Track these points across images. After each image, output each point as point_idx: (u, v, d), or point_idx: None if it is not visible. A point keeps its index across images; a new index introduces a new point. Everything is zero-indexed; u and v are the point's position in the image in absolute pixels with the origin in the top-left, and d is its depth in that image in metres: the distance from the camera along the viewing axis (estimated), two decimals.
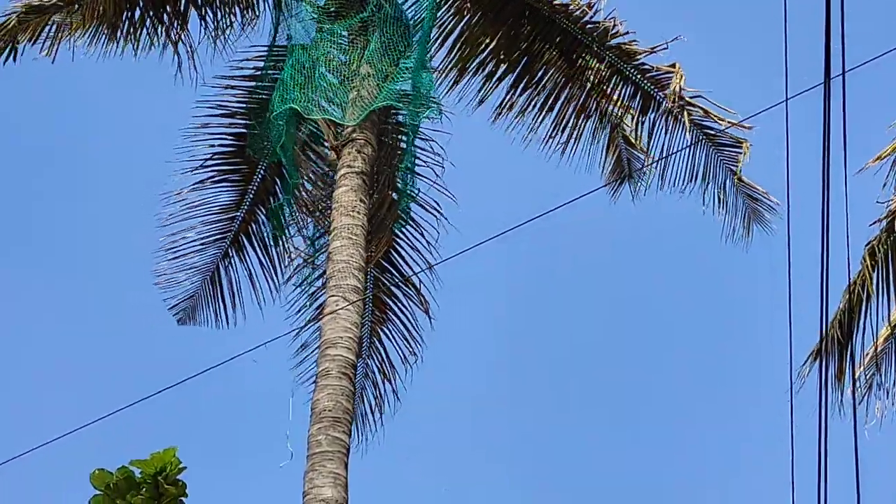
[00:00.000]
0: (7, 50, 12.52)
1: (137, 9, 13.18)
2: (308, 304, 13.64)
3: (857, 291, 12.53)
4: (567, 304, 21.04)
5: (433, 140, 13.31)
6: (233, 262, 14.12)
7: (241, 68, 13.63)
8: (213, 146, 13.64)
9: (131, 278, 14.22)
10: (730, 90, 13.79)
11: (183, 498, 11.37)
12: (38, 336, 21.36)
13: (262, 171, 13.60)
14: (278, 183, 13.75)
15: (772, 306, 9.81)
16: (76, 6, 12.60)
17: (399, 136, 13.26)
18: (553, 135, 13.78)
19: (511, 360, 20.46)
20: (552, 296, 21.05)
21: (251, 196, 13.81)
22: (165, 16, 13.32)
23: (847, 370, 12.39)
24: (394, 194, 13.35)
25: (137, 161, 18.81)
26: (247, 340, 12.22)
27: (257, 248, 14.13)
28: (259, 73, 13.39)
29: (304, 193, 13.44)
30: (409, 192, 12.87)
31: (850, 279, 12.15)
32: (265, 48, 13.44)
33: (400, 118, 13.32)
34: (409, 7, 13.36)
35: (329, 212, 12.53)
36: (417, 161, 13.36)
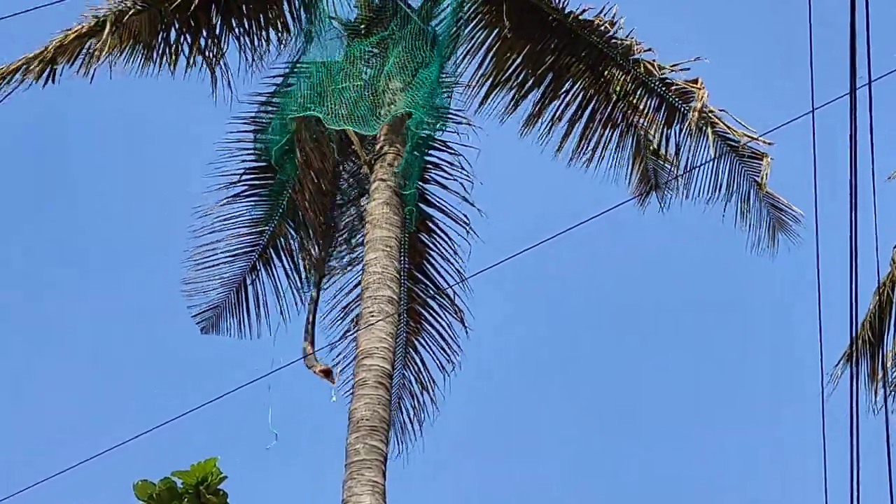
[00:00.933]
0: (46, 72, 12.73)
1: (173, 30, 13.41)
2: (341, 316, 13.92)
3: (886, 293, 12.75)
4: (594, 313, 21.29)
5: (461, 154, 13.58)
6: (260, 274, 14.39)
7: (274, 84, 13.88)
8: (244, 161, 13.89)
9: (173, 293, 14.44)
10: (753, 98, 14.02)
11: None
12: (79, 350, 21.65)
13: (291, 186, 13.83)
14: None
15: (802, 312, 10.02)
16: (113, 28, 12.83)
17: (426, 151, 13.52)
18: (580, 147, 14.05)
19: (538, 365, 20.72)
20: (580, 303, 21.29)
21: (280, 210, 14.05)
22: (201, 37, 13.57)
23: (879, 370, 12.58)
24: (423, 205, 13.62)
25: (175, 174, 19.06)
26: (283, 352, 12.56)
27: (285, 262, 14.37)
28: (289, 89, 13.64)
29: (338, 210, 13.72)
30: (414, 197, 13.07)
31: (878, 281, 12.37)
32: (295, 65, 13.67)
33: (427, 132, 13.54)
34: (437, 24, 13.60)
35: (362, 225, 12.81)
36: (446, 175, 13.64)
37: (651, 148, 13.83)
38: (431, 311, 14.07)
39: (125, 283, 21.31)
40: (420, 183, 13.58)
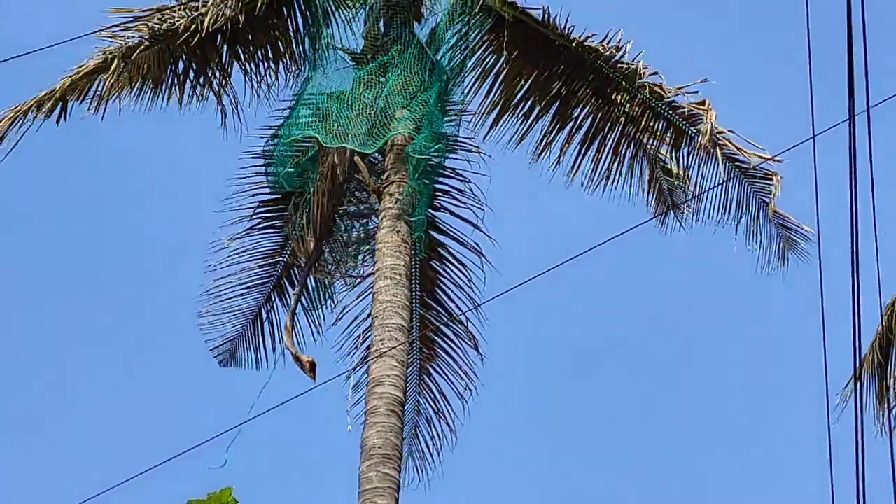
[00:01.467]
0: (58, 109, 12.88)
1: (181, 63, 13.56)
2: (357, 345, 14.03)
3: (893, 313, 12.75)
4: (607, 337, 21.33)
5: (471, 181, 13.69)
6: (275, 305, 14.51)
7: (283, 117, 14.00)
8: (255, 194, 14.03)
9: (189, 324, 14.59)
10: (759, 121, 14.10)
11: None
12: (92, 382, 21.77)
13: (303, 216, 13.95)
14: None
15: (810, 334, 10.06)
16: (122, 65, 12.98)
17: (436, 178, 13.62)
18: (592, 172, 14.14)
19: (556, 392, 20.75)
20: (594, 327, 21.32)
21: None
22: (209, 70, 13.72)
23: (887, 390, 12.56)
24: (433, 232, 13.71)
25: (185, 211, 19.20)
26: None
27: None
28: (298, 120, 13.75)
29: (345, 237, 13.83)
30: (422, 224, 13.17)
31: (881, 303, 12.37)
32: (301, 96, 13.80)
33: (435, 158, 13.65)
34: (442, 50, 13.71)
35: (371, 253, 12.92)
36: (456, 202, 13.75)
37: (664, 167, 13.91)
38: (445, 339, 14.17)
39: (138, 311, 21.40)
40: (430, 210, 13.70)
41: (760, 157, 13.33)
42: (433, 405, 14.26)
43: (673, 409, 21.42)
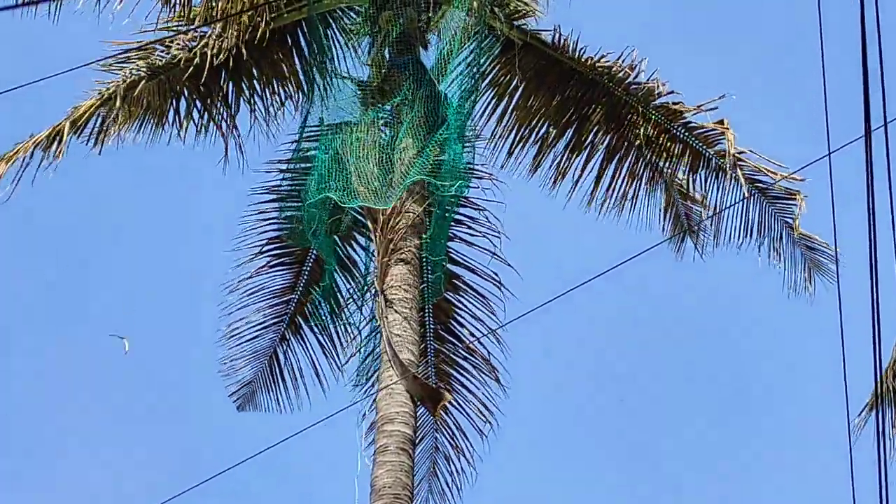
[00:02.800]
0: (55, 146, 12.73)
1: (183, 99, 13.40)
2: (369, 380, 13.72)
3: None
4: (626, 361, 21.09)
5: (486, 209, 13.44)
6: (291, 344, 14.28)
7: (291, 150, 13.80)
8: (263, 232, 13.84)
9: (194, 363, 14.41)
10: (776, 140, 13.81)
11: None
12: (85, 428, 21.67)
13: (314, 252, 13.73)
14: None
15: (829, 358, 9.81)
16: (122, 99, 12.83)
17: (448, 208, 13.36)
18: (608, 197, 13.87)
19: (580, 422, 20.48)
20: (613, 353, 21.09)
21: (305, 276, 13.96)
22: (212, 103, 13.54)
23: None
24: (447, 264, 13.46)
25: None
26: (312, 418, 12.38)
27: (315, 329, 14.25)
28: (306, 154, 13.56)
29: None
30: (443, 263, 12.92)
31: None
32: (304, 130, 13.60)
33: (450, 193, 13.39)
34: (452, 81, 13.45)
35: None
36: (470, 231, 13.51)
37: (681, 191, 13.62)
38: (463, 371, 13.88)
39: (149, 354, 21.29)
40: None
41: (781, 175, 13.02)
42: (451, 441, 13.97)
43: (698, 436, 21.09)
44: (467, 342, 13.72)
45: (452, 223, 13.58)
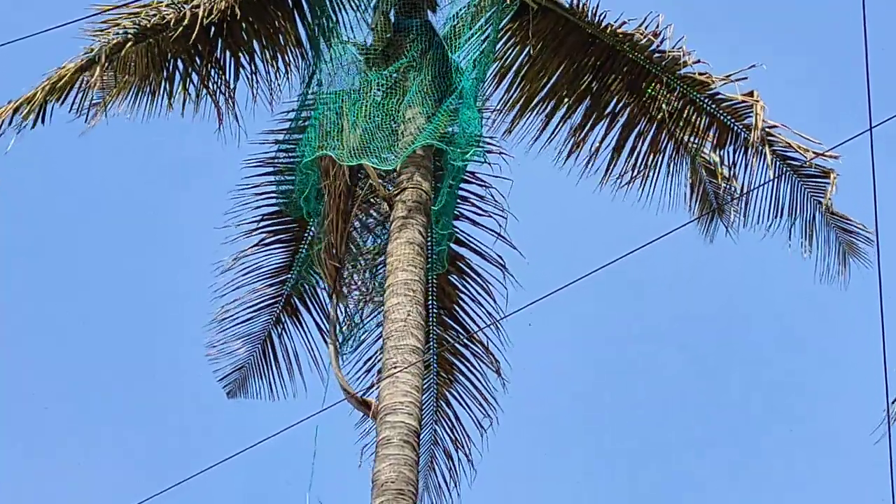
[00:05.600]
0: (36, 114, 12.13)
1: (173, 62, 12.78)
2: (367, 369, 13.19)
3: None
4: (644, 348, 20.65)
5: (492, 187, 12.88)
6: (286, 327, 13.70)
7: (287, 120, 13.21)
8: (258, 207, 13.26)
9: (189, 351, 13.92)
10: (807, 116, 13.23)
11: None
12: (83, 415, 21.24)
13: (313, 228, 13.12)
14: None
15: (864, 346, 9.45)
16: (108, 61, 12.21)
17: (452, 182, 12.76)
18: (626, 173, 13.26)
19: (589, 414, 20.03)
20: (632, 340, 20.63)
21: (303, 255, 13.35)
22: (204, 69, 12.96)
23: None
24: (451, 244, 12.88)
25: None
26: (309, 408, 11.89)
27: (313, 312, 13.67)
28: (303, 124, 12.96)
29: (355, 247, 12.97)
30: (447, 236, 12.36)
31: None
32: (305, 97, 13.01)
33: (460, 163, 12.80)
34: (464, 47, 12.84)
35: (383, 268, 12.06)
36: (476, 210, 12.96)
37: (707, 167, 13.03)
38: (464, 361, 13.32)
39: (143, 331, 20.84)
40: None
41: (816, 153, 12.41)
42: (451, 434, 13.40)
43: (714, 429, 20.63)
44: (470, 331, 13.15)
45: (458, 200, 13.02)
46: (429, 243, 12.33)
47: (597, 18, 12.89)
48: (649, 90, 12.92)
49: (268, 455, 10.67)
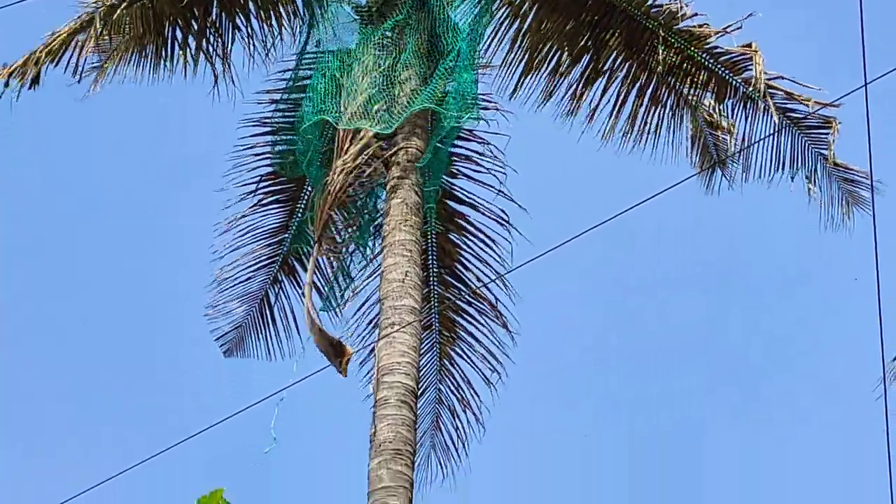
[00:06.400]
0: (30, 79, 12.17)
1: (167, 22, 12.79)
2: (368, 328, 13.22)
3: None
4: (649, 304, 20.63)
5: (491, 144, 12.88)
6: (283, 286, 13.74)
7: (283, 79, 13.22)
8: (254, 168, 13.27)
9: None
10: (805, 70, 13.17)
11: None
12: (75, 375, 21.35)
13: (309, 187, 13.14)
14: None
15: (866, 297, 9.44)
16: (103, 22, 12.23)
17: (453, 142, 12.74)
18: (627, 129, 13.24)
19: (594, 364, 20.06)
20: (636, 291, 20.61)
21: (300, 214, 13.38)
22: (198, 28, 12.94)
23: None
24: (450, 202, 12.88)
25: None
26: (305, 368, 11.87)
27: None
28: (300, 84, 12.96)
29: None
30: (435, 195, 12.36)
31: None
32: (301, 57, 13.00)
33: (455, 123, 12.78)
34: (458, 6, 12.81)
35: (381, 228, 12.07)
36: (476, 168, 12.95)
37: (707, 120, 12.99)
38: (469, 318, 13.34)
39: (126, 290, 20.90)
40: (447, 178, 12.88)
41: (818, 102, 12.37)
42: (457, 393, 13.43)
43: (718, 379, 20.64)
44: (473, 287, 13.16)
45: (458, 159, 13.02)
46: (427, 204, 12.34)
47: None
48: (648, 45, 12.90)
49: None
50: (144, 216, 21.21)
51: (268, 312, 13.86)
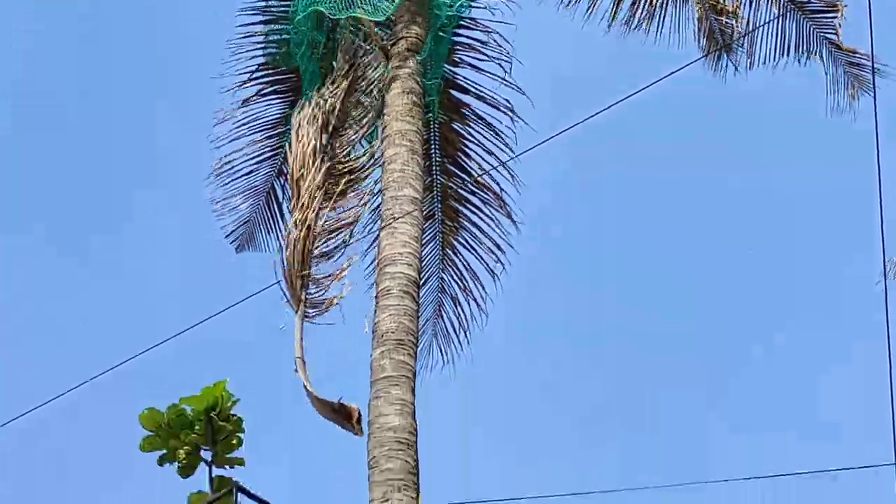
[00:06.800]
0: None
1: None
2: (374, 220, 13.16)
3: None
4: (645, 196, 20.58)
5: (495, 31, 12.76)
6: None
7: None
8: (253, 57, 13.16)
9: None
10: None
11: (240, 434, 11.14)
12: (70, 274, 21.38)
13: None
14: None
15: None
16: None
17: (454, 31, 12.62)
18: (631, 15, 13.12)
19: (597, 260, 20.07)
20: (633, 188, 20.55)
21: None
22: None
23: None
24: (453, 91, 12.77)
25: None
26: None
27: None
28: None
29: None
30: (438, 86, 12.25)
31: None
32: None
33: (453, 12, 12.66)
34: None
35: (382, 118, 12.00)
36: (478, 56, 12.86)
37: (713, 6, 12.87)
38: (472, 207, 13.30)
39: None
40: (448, 66, 12.78)
41: None
42: (459, 282, 13.44)
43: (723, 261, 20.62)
44: (476, 175, 13.10)
45: (461, 48, 12.91)
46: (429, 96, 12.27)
47: None
48: None
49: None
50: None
51: (275, 206, 13.81)
